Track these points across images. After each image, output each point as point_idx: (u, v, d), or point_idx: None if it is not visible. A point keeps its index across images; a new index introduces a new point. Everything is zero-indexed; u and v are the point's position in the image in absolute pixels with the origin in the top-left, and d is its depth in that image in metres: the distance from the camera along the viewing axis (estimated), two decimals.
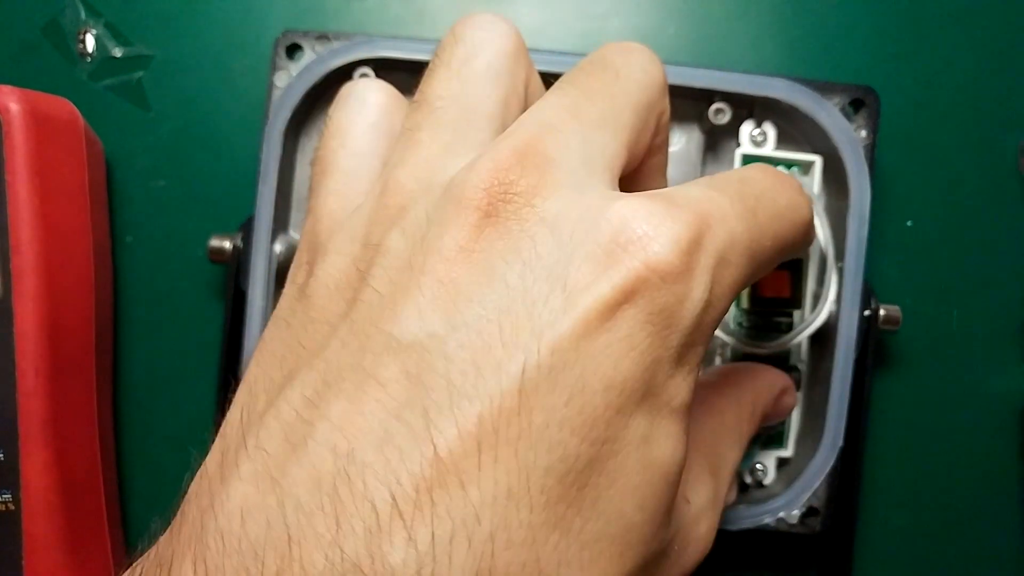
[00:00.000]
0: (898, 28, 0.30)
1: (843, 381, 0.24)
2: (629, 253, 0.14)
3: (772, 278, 0.25)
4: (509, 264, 0.14)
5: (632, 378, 0.13)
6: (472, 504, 0.12)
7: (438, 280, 0.14)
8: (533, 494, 0.12)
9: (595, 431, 0.13)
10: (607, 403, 0.13)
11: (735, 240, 0.15)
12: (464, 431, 0.12)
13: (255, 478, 0.13)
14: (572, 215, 0.14)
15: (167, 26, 0.29)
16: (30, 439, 0.25)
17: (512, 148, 0.15)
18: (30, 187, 0.25)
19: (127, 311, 0.29)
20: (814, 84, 0.25)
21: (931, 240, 0.29)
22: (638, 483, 0.14)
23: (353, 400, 0.13)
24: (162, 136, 0.29)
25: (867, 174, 0.24)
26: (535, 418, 0.13)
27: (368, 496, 0.12)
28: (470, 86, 0.17)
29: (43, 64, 0.29)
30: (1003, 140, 0.30)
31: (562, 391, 0.13)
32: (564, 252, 0.14)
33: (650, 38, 0.29)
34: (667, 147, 0.20)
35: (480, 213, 0.14)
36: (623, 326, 0.13)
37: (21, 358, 0.24)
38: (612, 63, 0.17)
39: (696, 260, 0.14)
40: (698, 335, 0.14)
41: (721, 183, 0.16)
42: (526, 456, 0.12)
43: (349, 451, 0.12)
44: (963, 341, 0.29)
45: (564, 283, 0.13)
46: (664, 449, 0.14)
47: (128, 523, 0.29)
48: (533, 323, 0.13)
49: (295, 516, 0.12)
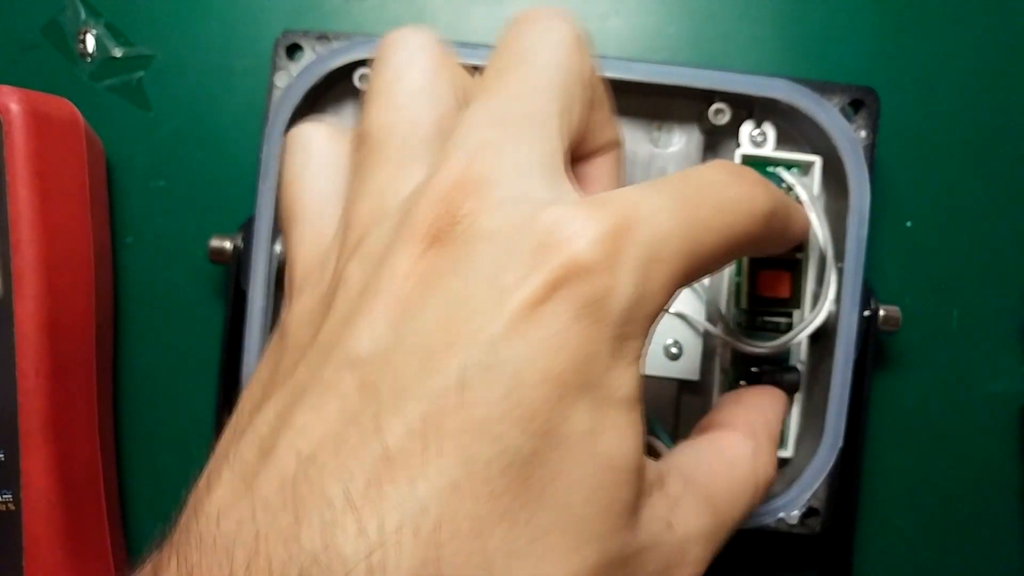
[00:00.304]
0: (898, 28, 0.30)
1: (843, 381, 0.24)
2: (554, 251, 0.14)
3: (772, 278, 0.25)
4: (452, 277, 0.15)
5: (567, 370, 0.14)
6: (419, 497, 0.13)
7: (390, 299, 0.15)
8: (477, 486, 0.13)
9: (535, 423, 0.14)
10: (544, 396, 0.14)
11: (667, 236, 0.15)
12: (411, 429, 0.13)
13: (231, 484, 0.14)
14: (509, 226, 0.15)
15: (167, 26, 0.29)
16: (30, 439, 0.25)
17: (450, 178, 0.16)
18: (31, 187, 0.25)
19: (127, 311, 0.29)
20: (814, 84, 0.25)
21: (931, 240, 0.29)
22: (584, 475, 0.14)
23: (315, 410, 0.14)
24: (162, 136, 0.29)
25: (867, 174, 0.24)
26: (475, 412, 0.13)
27: (325, 493, 0.13)
28: (402, 112, 0.18)
29: (43, 64, 0.29)
30: (1002, 140, 0.30)
31: (499, 386, 0.14)
32: (501, 259, 0.15)
33: (651, 38, 0.30)
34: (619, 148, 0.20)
35: (427, 241, 0.15)
36: (553, 320, 0.14)
37: (21, 358, 0.25)
38: (522, 49, 0.18)
39: (619, 255, 0.15)
40: (632, 328, 0.15)
41: (664, 181, 0.17)
42: (469, 449, 0.13)
43: (310, 454, 0.13)
44: (963, 341, 0.29)
45: (499, 286, 0.14)
46: (610, 441, 0.14)
47: (128, 522, 0.29)
48: (471, 325, 0.14)
49: (263, 514, 0.13)
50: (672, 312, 0.26)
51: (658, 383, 0.27)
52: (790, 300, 0.25)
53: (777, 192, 0.18)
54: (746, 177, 0.18)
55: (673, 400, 0.27)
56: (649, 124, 0.27)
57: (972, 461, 0.29)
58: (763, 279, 0.25)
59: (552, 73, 0.17)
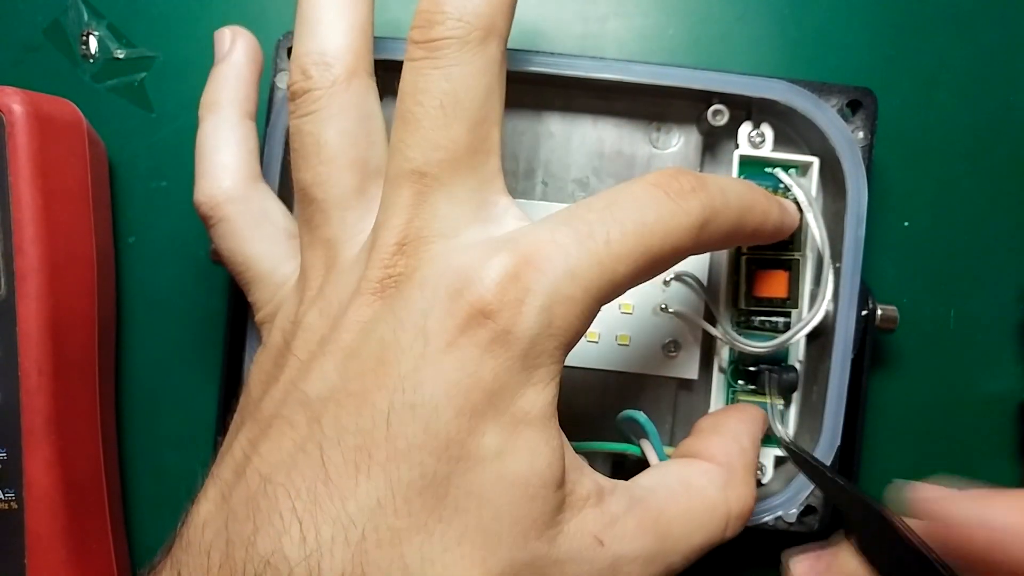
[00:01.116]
0: (895, 30, 0.30)
1: (841, 380, 0.24)
2: (463, 296, 0.16)
3: (769, 278, 0.25)
4: (387, 324, 0.17)
5: (479, 401, 0.16)
6: (349, 513, 0.15)
7: (339, 347, 0.17)
8: (398, 504, 0.15)
9: (450, 450, 0.16)
10: (458, 426, 0.16)
11: (575, 275, 0.17)
12: (346, 458, 0.16)
13: (214, 498, 0.17)
14: (435, 275, 0.17)
15: (169, 28, 0.30)
16: (33, 438, 0.25)
17: (394, 241, 0.18)
18: (33, 188, 0.25)
19: (129, 311, 0.30)
20: (812, 86, 0.25)
21: (928, 240, 0.30)
22: (494, 492, 0.16)
23: (274, 440, 0.17)
24: (164, 137, 0.30)
25: (864, 175, 0.24)
26: (399, 444, 0.16)
27: (278, 507, 0.15)
28: (330, 167, 0.20)
29: (46, 65, 0.30)
30: (999, 141, 0.30)
31: (420, 421, 0.16)
32: (426, 304, 0.17)
33: (650, 40, 0.30)
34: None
35: (374, 296, 0.17)
36: (465, 358, 0.16)
37: (24, 357, 0.25)
38: (421, 88, 0.18)
39: (521, 297, 0.16)
40: (542, 357, 0.17)
41: (580, 214, 0.18)
42: (392, 474, 0.16)
43: (268, 475, 0.16)
44: (960, 341, 0.30)
45: (423, 331, 0.16)
46: (519, 460, 0.16)
47: (130, 521, 0.29)
48: (400, 367, 0.16)
49: (232, 524, 0.16)
50: (671, 311, 0.27)
51: (656, 382, 0.27)
52: (788, 300, 0.25)
53: (719, 195, 0.19)
54: (677, 188, 0.18)
55: (671, 399, 0.27)
56: (648, 125, 0.27)
57: (969, 460, 0.30)
58: (761, 279, 0.26)
59: (459, 108, 0.18)
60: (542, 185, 0.27)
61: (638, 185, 0.18)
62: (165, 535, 0.29)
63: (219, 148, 0.22)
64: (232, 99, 0.23)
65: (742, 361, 0.26)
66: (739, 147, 0.26)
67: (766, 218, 0.21)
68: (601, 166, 0.27)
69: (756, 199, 0.20)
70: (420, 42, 0.18)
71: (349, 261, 0.19)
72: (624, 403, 0.27)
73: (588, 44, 0.30)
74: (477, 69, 0.18)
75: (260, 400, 0.18)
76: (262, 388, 0.19)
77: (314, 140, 0.20)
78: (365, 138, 0.20)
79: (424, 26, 0.18)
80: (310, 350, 0.18)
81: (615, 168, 0.27)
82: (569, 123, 0.27)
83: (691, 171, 0.19)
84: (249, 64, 0.23)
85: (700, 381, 0.27)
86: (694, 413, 0.27)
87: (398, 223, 0.18)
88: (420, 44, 0.18)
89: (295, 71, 0.20)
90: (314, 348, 0.18)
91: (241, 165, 0.22)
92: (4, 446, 0.25)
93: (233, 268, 0.22)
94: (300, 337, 0.19)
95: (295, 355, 0.18)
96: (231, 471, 0.17)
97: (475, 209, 0.18)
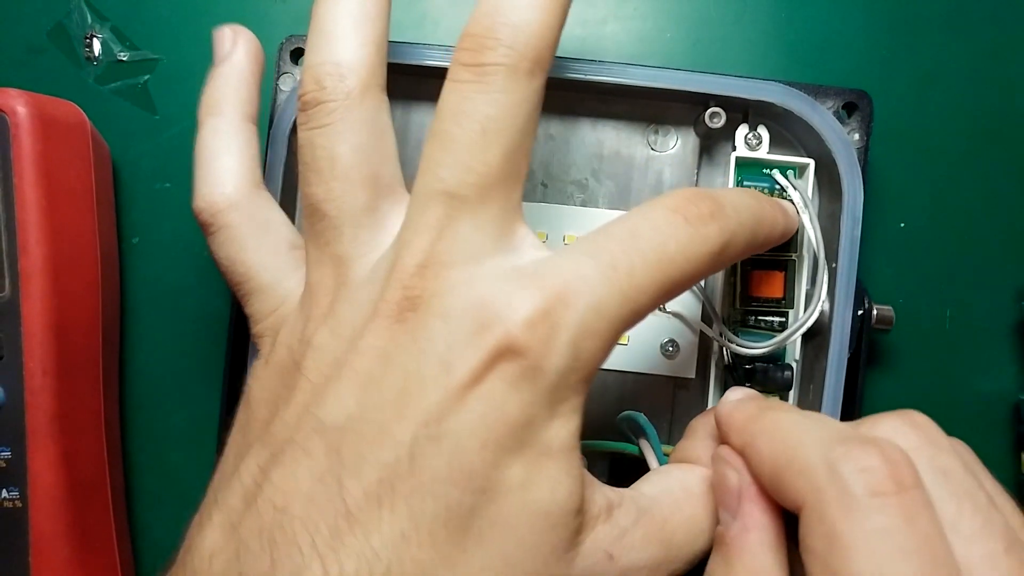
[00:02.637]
0: (890, 32, 0.30)
1: (837, 380, 0.25)
2: (491, 331, 0.16)
3: (766, 278, 0.26)
4: (409, 354, 0.16)
5: (504, 435, 0.16)
6: (373, 546, 0.15)
7: (355, 372, 0.17)
8: (422, 537, 0.15)
9: (474, 483, 0.16)
10: (483, 459, 0.16)
11: (600, 309, 0.17)
12: (368, 491, 0.15)
13: (221, 527, 0.16)
14: (458, 306, 0.17)
15: (173, 30, 0.30)
16: (37, 437, 0.25)
17: (414, 264, 0.17)
18: (38, 189, 0.25)
19: (133, 311, 0.30)
20: (808, 88, 0.25)
21: (923, 241, 0.30)
22: (517, 522, 0.16)
23: (289, 468, 0.16)
24: (168, 139, 0.30)
25: (860, 176, 0.25)
26: (423, 477, 0.16)
27: (296, 540, 0.15)
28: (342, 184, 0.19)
29: (50, 68, 0.30)
30: (994, 142, 0.30)
31: (444, 454, 0.16)
32: (449, 338, 0.16)
33: (648, 43, 0.30)
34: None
35: (391, 319, 0.17)
36: (492, 393, 0.16)
37: (29, 357, 0.25)
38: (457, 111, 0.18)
39: (551, 334, 0.16)
40: (567, 391, 0.17)
41: (601, 244, 0.17)
42: (416, 507, 0.15)
43: (284, 506, 0.16)
44: (956, 340, 0.30)
45: (446, 363, 0.16)
46: (542, 491, 0.16)
47: (134, 519, 0.30)
48: (423, 400, 0.16)
49: (245, 557, 0.15)
50: (668, 311, 0.27)
51: (654, 381, 0.27)
52: (783, 300, 0.26)
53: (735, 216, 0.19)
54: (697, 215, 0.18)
55: (669, 397, 0.28)
56: (646, 127, 0.27)
57: None
58: (757, 279, 0.26)
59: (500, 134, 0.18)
60: (542, 187, 0.27)
61: (658, 211, 0.18)
62: (169, 533, 0.29)
63: (220, 153, 0.21)
64: (234, 101, 0.22)
65: (738, 360, 0.26)
66: (736, 149, 0.26)
67: (774, 228, 0.21)
68: (600, 168, 0.27)
69: (764, 211, 0.20)
70: (469, 64, 0.18)
71: (361, 279, 0.18)
72: (622, 402, 0.27)
73: (587, 47, 0.30)
74: (521, 99, 0.18)
75: (269, 422, 0.18)
76: (269, 408, 0.18)
77: (327, 154, 0.19)
78: (378, 154, 0.19)
79: (475, 49, 0.18)
80: (324, 373, 0.18)
81: (614, 170, 0.27)
82: (568, 126, 0.27)
83: (708, 194, 0.19)
84: (251, 65, 0.22)
85: (697, 380, 0.27)
86: (691, 412, 0.27)
87: (422, 245, 0.17)
88: (468, 67, 0.18)
89: (308, 80, 0.19)
90: (328, 371, 0.17)
91: (243, 171, 0.21)
92: (9, 445, 0.25)
93: (232, 278, 0.21)
94: (311, 358, 0.18)
95: (307, 377, 0.18)
96: (239, 499, 0.17)
97: (498, 237, 0.18)
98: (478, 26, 0.18)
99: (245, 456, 0.18)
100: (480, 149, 0.18)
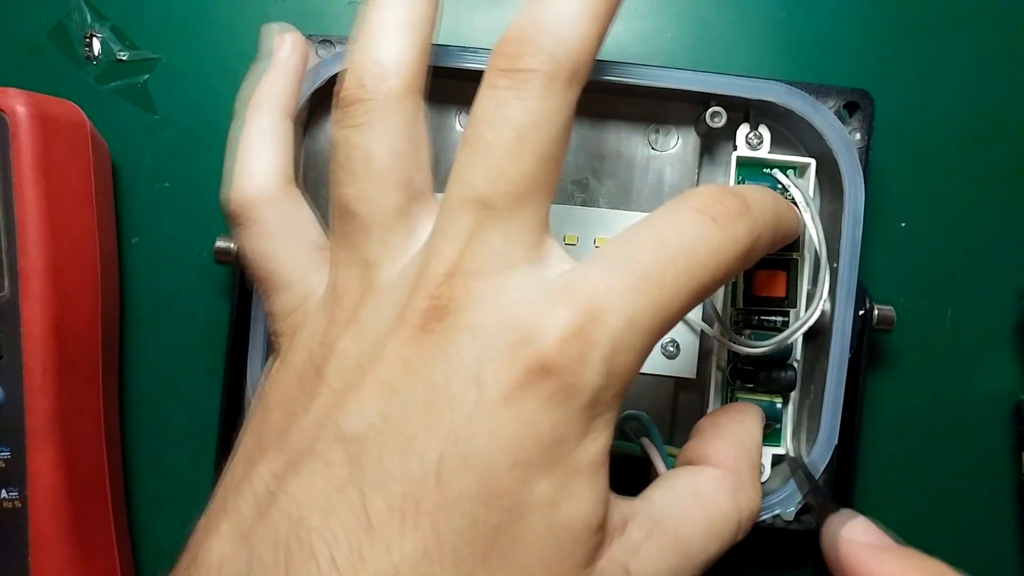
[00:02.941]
0: (892, 32, 0.30)
1: (838, 380, 0.25)
2: (524, 348, 0.16)
3: (767, 278, 0.26)
4: (437, 366, 0.16)
5: (535, 454, 0.16)
6: (394, 563, 0.15)
7: (379, 382, 0.16)
8: (446, 554, 0.15)
9: (502, 501, 0.15)
10: (513, 478, 0.15)
11: (632, 322, 0.16)
12: (391, 505, 0.15)
13: (231, 536, 0.16)
14: (489, 320, 0.16)
15: (172, 30, 0.30)
16: (37, 437, 0.25)
17: (440, 270, 0.17)
18: (37, 189, 0.25)
19: (133, 311, 0.30)
20: (809, 87, 0.25)
21: (925, 241, 0.30)
22: (541, 539, 0.16)
23: (306, 477, 0.16)
24: (168, 138, 0.30)
25: (861, 176, 0.25)
26: (449, 494, 0.15)
27: (313, 554, 0.15)
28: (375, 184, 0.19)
29: (49, 67, 0.30)
30: (995, 142, 0.30)
31: (473, 473, 0.15)
32: (481, 352, 0.16)
33: (649, 42, 0.30)
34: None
35: (417, 329, 0.16)
36: (524, 412, 0.15)
37: (28, 357, 0.25)
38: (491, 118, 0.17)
39: (585, 351, 0.16)
40: (600, 408, 0.16)
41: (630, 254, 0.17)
42: (440, 524, 0.15)
43: (300, 517, 0.15)
44: (956, 341, 0.30)
45: (478, 378, 0.16)
46: (569, 508, 0.16)
47: (134, 519, 0.30)
48: (452, 415, 0.15)
49: (258, 568, 0.15)
50: None
51: (655, 381, 0.27)
52: (786, 299, 0.25)
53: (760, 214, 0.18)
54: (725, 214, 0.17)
55: (670, 398, 0.27)
56: (647, 127, 0.27)
57: (966, 459, 0.30)
58: (759, 279, 0.26)
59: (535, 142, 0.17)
60: None
61: (684, 214, 0.17)
62: (168, 534, 0.30)
63: (257, 147, 0.21)
64: (277, 98, 0.22)
65: (740, 360, 0.26)
66: (737, 149, 0.26)
67: (790, 227, 0.21)
68: (601, 167, 0.27)
69: (782, 208, 0.20)
70: (506, 70, 0.17)
71: (388, 285, 0.18)
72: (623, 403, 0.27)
73: None
74: (558, 107, 0.17)
75: (286, 429, 0.17)
76: (285, 414, 0.18)
77: (363, 153, 0.19)
78: (413, 158, 0.19)
79: (514, 55, 0.17)
80: (346, 379, 0.17)
81: (615, 169, 0.27)
82: None
83: (733, 191, 0.18)
84: (297, 64, 0.22)
85: (698, 380, 0.27)
86: (693, 412, 0.27)
87: (451, 253, 0.17)
88: (505, 72, 0.17)
89: (350, 78, 0.19)
90: (350, 378, 0.17)
91: (278, 166, 0.21)
92: (8, 445, 0.25)
93: (256, 273, 0.21)
94: (333, 363, 0.17)
95: (328, 384, 0.17)
96: (251, 507, 0.16)
97: (527, 248, 0.17)
98: (519, 32, 0.18)
99: (258, 463, 0.17)
100: (515, 156, 0.17)
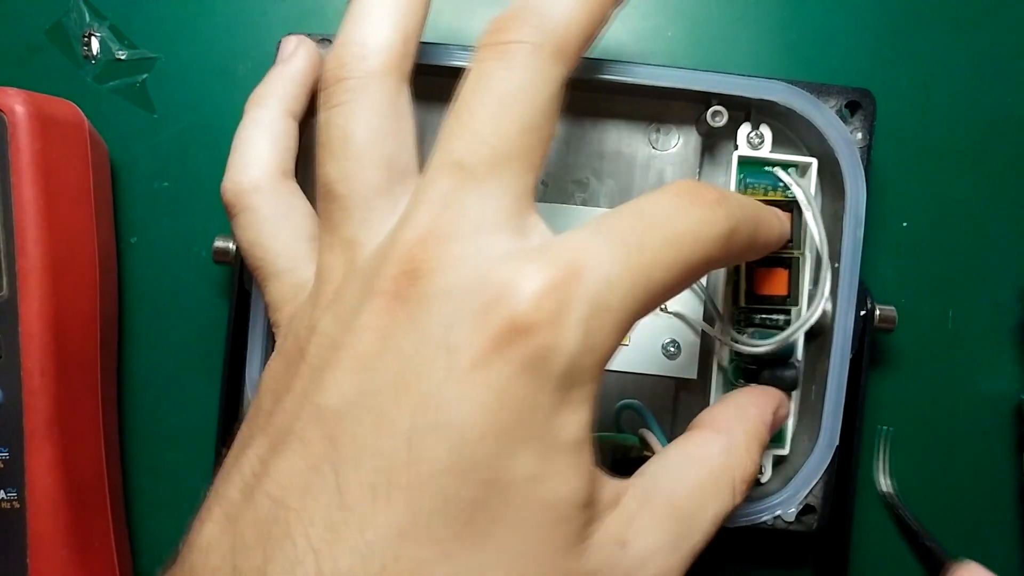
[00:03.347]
0: (894, 31, 0.30)
1: (839, 380, 0.24)
2: (497, 311, 0.15)
3: (769, 276, 0.26)
4: (407, 335, 0.16)
5: (510, 423, 0.15)
6: (368, 541, 0.14)
7: (354, 356, 0.16)
8: (420, 532, 0.15)
9: (478, 474, 0.15)
10: (487, 449, 0.15)
11: (612, 284, 0.16)
12: (363, 482, 0.15)
13: (220, 521, 0.16)
14: (461, 284, 0.16)
15: (171, 29, 0.30)
16: (35, 437, 0.25)
17: (413, 236, 0.17)
18: (35, 189, 0.25)
19: (132, 311, 0.30)
20: (810, 87, 0.25)
21: (926, 241, 0.30)
22: (525, 517, 0.15)
23: (286, 458, 0.16)
24: (166, 138, 0.30)
25: (863, 176, 0.25)
26: (421, 468, 0.15)
27: (290, 534, 0.15)
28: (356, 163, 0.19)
29: (48, 66, 0.30)
30: (997, 141, 0.30)
31: (445, 443, 0.15)
32: (451, 318, 0.15)
33: (649, 41, 0.30)
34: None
35: (389, 296, 0.16)
36: (497, 378, 0.15)
37: (27, 357, 0.25)
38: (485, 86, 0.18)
39: (562, 311, 0.15)
40: (580, 376, 0.16)
41: (613, 221, 0.17)
42: (414, 500, 0.15)
43: (280, 498, 0.15)
44: (958, 341, 0.30)
45: (448, 345, 0.15)
46: (553, 484, 0.15)
47: (132, 520, 0.30)
48: (422, 384, 0.15)
49: (240, 551, 0.15)
50: (670, 311, 0.27)
51: (656, 381, 0.27)
52: (788, 298, 0.25)
53: (739, 207, 0.18)
54: (702, 198, 0.18)
55: (671, 398, 0.27)
56: (647, 126, 0.27)
57: (967, 459, 0.30)
58: (760, 277, 0.26)
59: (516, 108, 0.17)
60: (542, 186, 0.27)
61: (664, 195, 0.18)
62: (167, 535, 0.29)
63: (254, 139, 0.22)
64: (280, 96, 0.22)
65: (742, 359, 0.26)
66: (738, 148, 0.26)
67: (771, 230, 0.21)
68: (601, 167, 0.27)
69: (762, 210, 0.20)
70: (492, 43, 0.18)
71: (367, 259, 0.18)
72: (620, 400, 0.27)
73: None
74: (543, 80, 0.18)
75: (271, 412, 0.17)
76: (273, 398, 0.18)
77: (342, 133, 0.19)
78: (394, 137, 0.19)
79: (500, 30, 0.18)
80: (323, 356, 0.17)
81: (615, 169, 0.27)
82: (569, 124, 0.27)
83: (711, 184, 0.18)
84: (304, 67, 0.23)
85: (700, 381, 0.27)
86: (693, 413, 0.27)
87: (424, 218, 0.17)
88: (492, 45, 0.18)
89: (331, 60, 0.19)
90: (327, 355, 0.17)
91: (273, 158, 0.22)
92: (6, 446, 0.25)
93: (251, 262, 0.21)
94: (314, 343, 0.17)
95: (308, 363, 0.17)
96: (238, 491, 0.16)
97: (506, 217, 0.17)
98: (509, 11, 0.18)
99: (247, 448, 0.17)
100: (496, 120, 0.17)
